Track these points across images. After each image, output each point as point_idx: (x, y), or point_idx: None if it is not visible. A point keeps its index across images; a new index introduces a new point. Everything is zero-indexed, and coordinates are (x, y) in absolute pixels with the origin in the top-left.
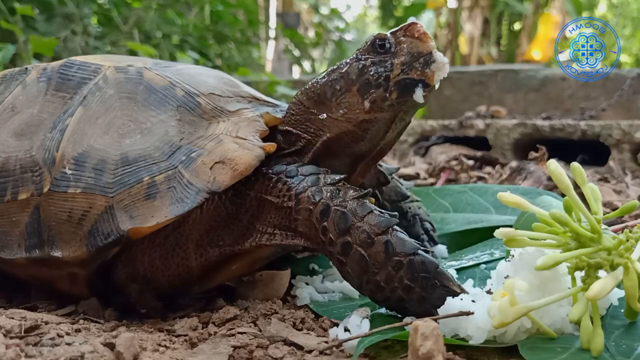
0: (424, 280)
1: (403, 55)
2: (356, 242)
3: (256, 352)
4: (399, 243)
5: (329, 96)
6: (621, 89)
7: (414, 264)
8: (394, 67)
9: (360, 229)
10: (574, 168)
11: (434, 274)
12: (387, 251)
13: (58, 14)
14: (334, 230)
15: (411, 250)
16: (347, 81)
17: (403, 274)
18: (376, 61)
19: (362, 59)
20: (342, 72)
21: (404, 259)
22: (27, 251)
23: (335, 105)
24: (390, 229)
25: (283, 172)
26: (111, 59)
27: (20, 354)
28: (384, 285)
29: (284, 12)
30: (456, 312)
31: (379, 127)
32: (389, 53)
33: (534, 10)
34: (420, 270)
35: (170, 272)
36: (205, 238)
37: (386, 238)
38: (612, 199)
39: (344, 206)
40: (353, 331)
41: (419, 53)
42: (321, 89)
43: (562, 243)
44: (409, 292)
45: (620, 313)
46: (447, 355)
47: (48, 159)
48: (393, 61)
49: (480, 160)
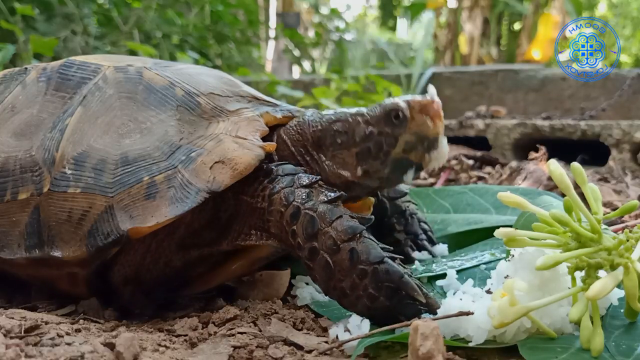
0: (388, 289)
1: (410, 133)
2: (322, 248)
3: (256, 352)
4: (365, 251)
5: (328, 144)
6: (621, 89)
7: (378, 273)
8: (397, 144)
9: (327, 234)
10: (574, 168)
11: (399, 283)
12: (352, 259)
13: (58, 14)
14: (302, 235)
15: (376, 259)
16: (350, 140)
17: (367, 283)
18: (384, 132)
19: (372, 124)
20: (347, 128)
21: (368, 267)
22: (27, 251)
23: (330, 155)
24: (358, 235)
25: (261, 171)
26: (111, 58)
27: (20, 354)
28: (349, 293)
29: (284, 12)
30: (456, 312)
31: (361, 190)
32: (400, 126)
33: (534, 10)
34: (385, 280)
35: (157, 272)
36: (187, 239)
37: (352, 245)
38: (612, 199)
39: (314, 209)
40: (353, 331)
41: (426, 136)
42: (322, 133)
43: (562, 243)
44: (373, 301)
45: (620, 313)
46: (447, 355)
47: (48, 158)
48: (398, 137)
49: (480, 160)
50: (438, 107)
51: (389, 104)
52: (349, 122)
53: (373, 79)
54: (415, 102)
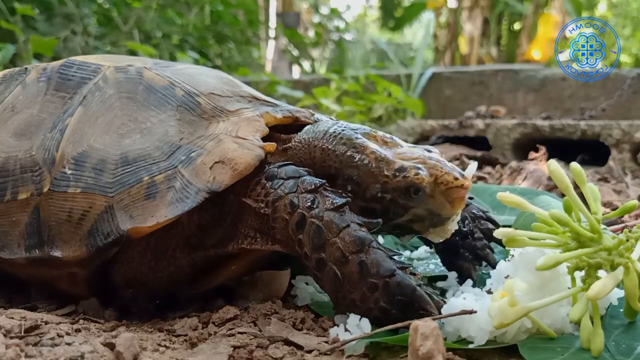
0: (400, 303)
1: (425, 210)
2: (330, 260)
3: (256, 352)
4: (374, 264)
5: (337, 184)
6: (621, 89)
7: (389, 286)
8: (405, 215)
9: (335, 245)
10: (573, 168)
11: (412, 296)
12: (362, 272)
13: (58, 14)
14: (309, 245)
15: (387, 272)
16: (360, 193)
17: (378, 296)
18: (396, 202)
19: (388, 190)
20: (362, 181)
21: (379, 281)
22: (27, 251)
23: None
24: (367, 246)
25: (263, 173)
26: (111, 59)
27: (20, 354)
28: (360, 305)
29: (283, 12)
30: (458, 311)
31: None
32: (416, 201)
33: (534, 10)
34: (397, 293)
35: (162, 273)
36: (193, 238)
37: (361, 258)
38: (612, 199)
39: (320, 218)
40: (353, 331)
41: (439, 215)
42: (336, 171)
43: (562, 243)
44: (385, 313)
45: (619, 312)
46: (447, 355)
47: (48, 158)
48: (410, 209)
49: (480, 160)
50: (466, 191)
51: (414, 178)
52: (367, 173)
53: (373, 79)
54: (443, 180)
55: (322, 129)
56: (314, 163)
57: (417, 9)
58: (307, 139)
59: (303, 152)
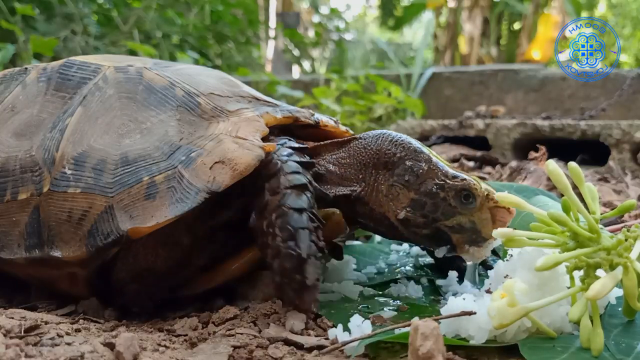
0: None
1: (470, 221)
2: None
3: (256, 352)
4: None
5: (395, 173)
6: (621, 89)
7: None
8: (452, 221)
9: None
10: (571, 168)
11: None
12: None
13: (58, 14)
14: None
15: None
16: (415, 184)
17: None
18: (448, 201)
19: (444, 189)
20: (421, 174)
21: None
22: (27, 251)
23: (390, 182)
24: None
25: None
26: (111, 59)
27: (20, 353)
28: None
29: (283, 12)
30: (458, 312)
31: (384, 229)
32: (464, 208)
33: (534, 10)
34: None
35: (169, 255)
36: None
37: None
38: (612, 199)
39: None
40: (353, 331)
41: (479, 232)
42: (398, 160)
43: (561, 243)
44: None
45: (618, 311)
46: (447, 355)
47: (48, 158)
48: (456, 216)
49: (480, 160)
50: (510, 216)
51: (470, 183)
52: (427, 169)
53: (373, 78)
54: (494, 197)
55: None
56: (378, 151)
57: (417, 8)
58: (379, 132)
59: (369, 140)
